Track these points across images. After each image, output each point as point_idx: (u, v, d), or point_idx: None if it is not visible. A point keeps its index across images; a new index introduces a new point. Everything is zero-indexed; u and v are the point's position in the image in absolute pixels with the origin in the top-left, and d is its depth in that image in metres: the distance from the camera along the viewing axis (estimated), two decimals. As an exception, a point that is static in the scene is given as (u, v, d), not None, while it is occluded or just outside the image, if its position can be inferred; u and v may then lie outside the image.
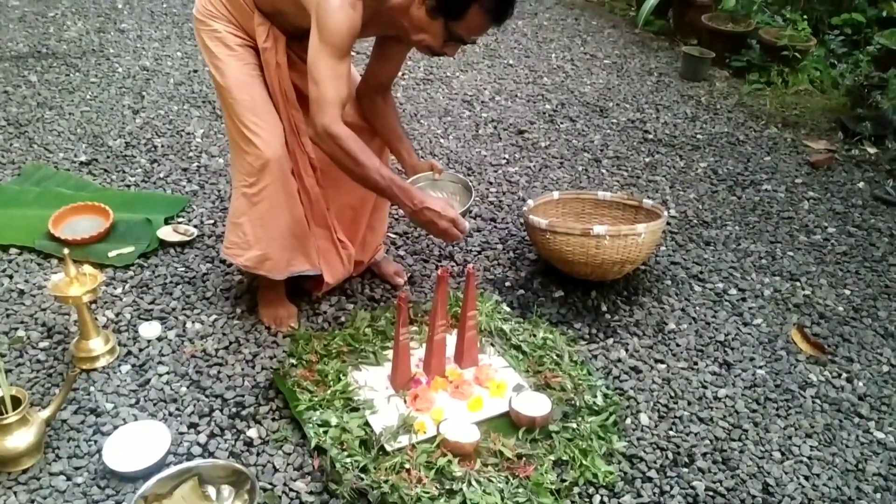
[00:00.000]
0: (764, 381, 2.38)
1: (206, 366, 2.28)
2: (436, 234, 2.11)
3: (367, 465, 1.91)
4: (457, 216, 2.08)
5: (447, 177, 2.37)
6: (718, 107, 4.38)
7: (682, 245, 3.05)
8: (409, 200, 2.05)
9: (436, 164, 2.34)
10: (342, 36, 1.91)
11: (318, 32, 1.91)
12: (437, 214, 2.05)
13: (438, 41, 1.98)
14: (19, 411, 1.87)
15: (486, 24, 1.95)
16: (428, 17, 1.93)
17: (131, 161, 3.41)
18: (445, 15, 1.91)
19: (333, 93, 1.94)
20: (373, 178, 2.02)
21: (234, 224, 2.29)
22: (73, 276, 2.15)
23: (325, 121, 1.95)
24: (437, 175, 2.34)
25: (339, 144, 1.96)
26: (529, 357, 2.34)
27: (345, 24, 1.90)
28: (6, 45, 4.57)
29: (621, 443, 2.08)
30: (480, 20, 1.92)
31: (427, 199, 2.05)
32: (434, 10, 1.91)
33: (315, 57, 1.93)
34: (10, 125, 3.63)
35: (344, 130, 1.97)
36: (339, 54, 1.93)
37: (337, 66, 1.94)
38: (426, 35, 1.98)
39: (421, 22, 1.95)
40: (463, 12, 1.89)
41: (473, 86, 4.45)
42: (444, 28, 1.94)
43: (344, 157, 1.99)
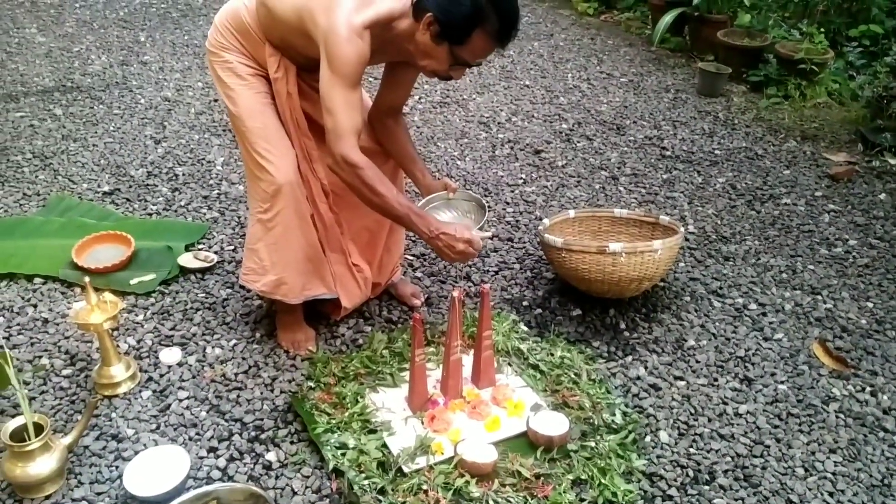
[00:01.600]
0: (786, 396, 2.35)
1: (226, 390, 2.30)
2: (453, 257, 2.14)
3: (385, 486, 1.92)
4: (472, 237, 2.11)
5: (461, 195, 2.39)
6: (736, 122, 4.37)
7: (700, 261, 3.03)
8: (425, 227, 2.09)
9: (449, 183, 2.36)
10: (352, 66, 1.95)
11: (328, 64, 1.95)
12: (452, 238, 2.09)
13: (444, 65, 2.02)
14: (41, 438, 1.89)
15: (489, 48, 1.97)
16: (433, 43, 1.96)
17: (153, 190, 3.47)
18: (449, 40, 1.94)
19: (349, 122, 1.98)
20: (391, 207, 2.06)
21: (251, 250, 2.33)
22: (95, 304, 2.19)
23: (344, 150, 1.98)
24: (452, 194, 2.36)
25: (357, 174, 2.01)
26: (547, 376, 2.34)
27: (353, 54, 1.93)
28: (33, 79, 4.68)
29: (641, 461, 2.06)
30: (484, 44, 1.95)
31: (442, 226, 2.09)
32: (438, 35, 1.94)
33: (327, 88, 1.96)
34: (36, 158, 3.71)
35: (362, 159, 2.01)
36: (351, 84, 1.97)
37: (349, 95, 1.97)
38: (432, 60, 2.02)
39: (426, 47, 1.98)
40: (466, 37, 1.93)
41: (490, 107, 4.48)
42: (448, 53, 1.97)
43: (361, 186, 2.03)
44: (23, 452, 1.88)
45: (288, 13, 2.06)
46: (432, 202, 2.37)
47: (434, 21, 1.92)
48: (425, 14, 1.92)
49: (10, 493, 1.94)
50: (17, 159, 3.69)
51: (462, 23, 1.91)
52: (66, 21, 5.79)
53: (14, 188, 3.44)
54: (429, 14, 1.92)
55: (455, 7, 1.90)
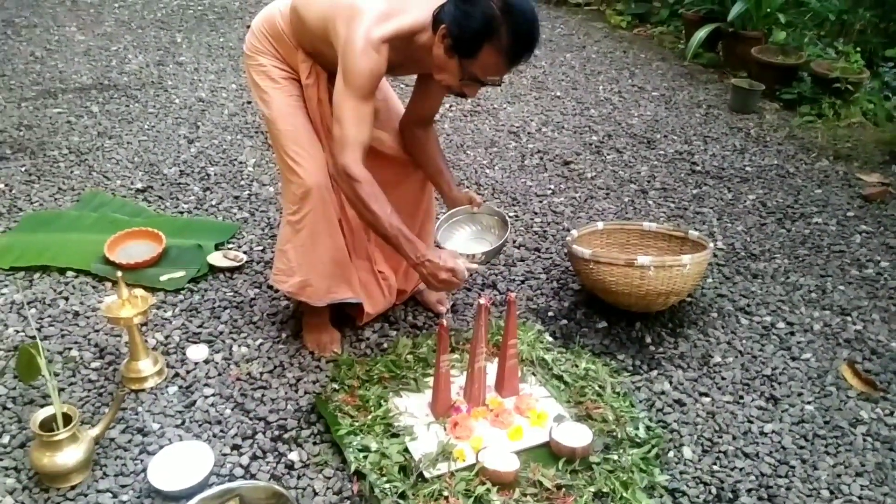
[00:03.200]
0: (812, 417, 2.33)
1: (251, 388, 2.32)
2: (436, 286, 2.11)
3: (406, 491, 1.92)
4: (456, 266, 2.06)
5: (485, 209, 2.39)
6: (768, 139, 4.33)
7: (728, 277, 3.01)
8: (412, 252, 2.06)
9: (474, 197, 2.36)
10: (365, 79, 1.95)
11: (343, 74, 1.96)
12: (436, 266, 2.05)
13: (455, 80, 2.00)
14: (70, 428, 1.92)
15: (500, 65, 1.94)
16: (446, 56, 1.95)
17: (185, 189, 3.51)
18: (459, 53, 1.93)
19: (355, 134, 1.98)
20: (381, 225, 2.04)
21: (281, 251, 2.35)
22: (125, 299, 2.22)
23: (346, 161, 1.98)
24: (476, 208, 2.36)
25: (354, 187, 2.00)
26: (571, 387, 2.33)
27: (367, 67, 1.94)
28: (71, 77, 4.76)
29: (663, 476, 2.04)
30: (494, 60, 1.92)
31: (429, 253, 2.06)
32: (450, 48, 1.93)
33: (339, 98, 1.97)
34: (72, 153, 3.78)
35: (363, 174, 2.00)
36: (362, 96, 1.97)
37: (360, 107, 1.97)
38: (445, 74, 2.01)
39: (440, 60, 1.98)
40: (475, 51, 1.91)
41: (520, 117, 4.48)
42: (459, 67, 1.96)
43: (356, 200, 2.03)
44: (51, 442, 1.91)
45: (315, 21, 2.09)
46: (456, 215, 2.38)
47: (447, 34, 1.92)
48: (441, 26, 1.93)
49: (36, 482, 1.97)
50: (53, 154, 3.76)
51: (471, 36, 1.89)
52: (106, 20, 5.89)
53: (50, 182, 3.50)
54: (443, 26, 1.92)
55: (466, 20, 1.88)
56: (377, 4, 1.96)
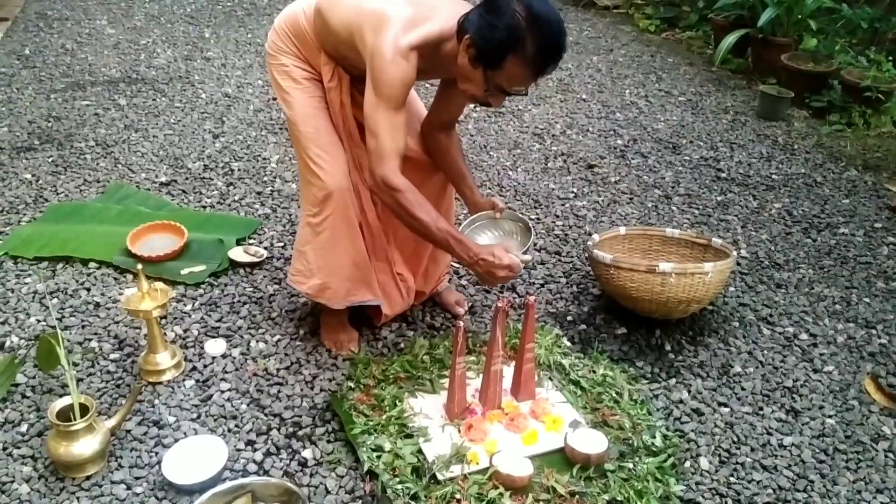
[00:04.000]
0: (833, 430, 2.29)
1: (267, 385, 2.32)
2: (492, 281, 2.10)
3: (419, 492, 1.91)
4: (512, 261, 2.05)
5: (508, 216, 2.37)
6: (796, 147, 4.28)
7: (751, 286, 2.97)
8: (465, 253, 2.05)
9: (497, 203, 2.34)
10: (396, 88, 1.93)
11: (373, 85, 1.93)
12: (492, 264, 2.04)
13: (480, 90, 1.96)
14: (86, 419, 1.93)
15: (525, 76, 1.90)
16: (471, 66, 1.92)
17: (208, 183, 3.53)
18: (484, 64, 1.89)
19: (391, 144, 1.96)
20: (430, 232, 2.03)
21: (300, 252, 2.35)
22: (145, 292, 2.23)
23: (385, 172, 1.96)
24: (498, 214, 2.35)
25: (396, 197, 1.98)
26: (588, 393, 2.31)
27: (398, 76, 1.92)
28: (100, 70, 4.81)
29: (679, 486, 2.02)
30: (519, 71, 1.88)
31: (482, 251, 2.05)
32: (475, 59, 1.90)
33: (372, 109, 1.95)
34: (99, 146, 3.81)
35: (403, 182, 1.98)
36: (395, 105, 1.95)
37: (393, 117, 1.95)
38: (470, 84, 1.97)
39: (465, 70, 1.94)
40: (500, 62, 1.87)
41: (545, 119, 4.46)
42: (484, 77, 1.92)
43: (400, 210, 2.01)
44: (68, 432, 1.92)
45: (340, 27, 2.06)
46: (478, 220, 2.36)
47: (471, 44, 1.88)
48: (465, 36, 1.90)
49: (52, 471, 1.99)
50: (80, 146, 3.79)
51: (496, 47, 1.85)
52: (136, 14, 5.95)
53: (76, 174, 3.54)
54: (468, 36, 1.89)
55: (491, 31, 1.84)
56: (404, 11, 1.94)
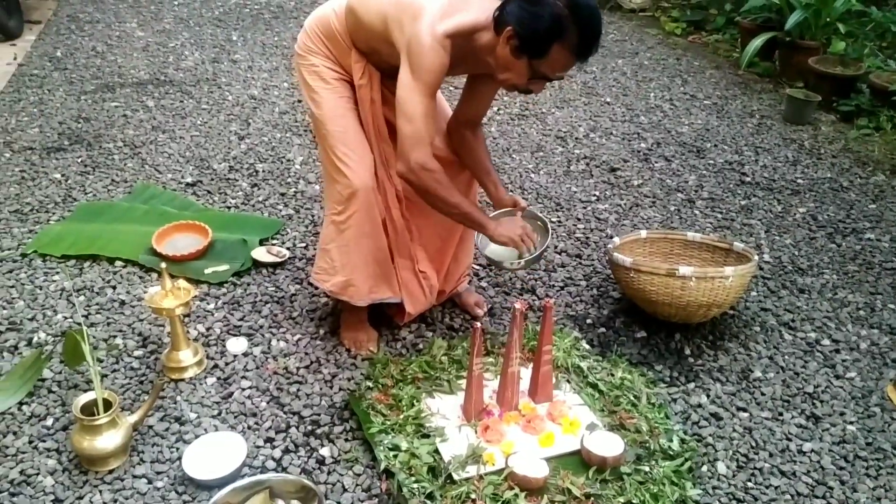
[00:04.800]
0: (854, 437, 2.27)
1: (287, 383, 2.35)
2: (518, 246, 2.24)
3: (434, 492, 1.92)
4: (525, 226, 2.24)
5: (528, 215, 2.38)
6: (822, 151, 4.23)
7: (774, 291, 2.95)
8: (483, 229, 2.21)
9: (519, 201, 2.36)
10: (433, 74, 1.97)
11: (409, 71, 1.98)
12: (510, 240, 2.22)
13: (523, 79, 2.01)
14: (109, 414, 1.97)
15: (569, 62, 1.96)
16: (512, 56, 1.96)
17: (233, 184, 3.57)
18: (529, 54, 1.94)
19: (425, 129, 2.01)
20: (457, 211, 2.13)
21: (323, 250, 2.38)
22: (169, 290, 2.27)
23: (419, 156, 2.01)
24: (520, 212, 2.36)
25: (434, 178, 2.06)
26: (606, 396, 2.31)
27: (435, 62, 1.96)
28: (129, 72, 4.88)
29: (695, 490, 2.01)
30: (563, 58, 1.94)
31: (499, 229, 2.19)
32: (518, 49, 1.94)
33: (406, 94, 1.99)
34: (126, 146, 3.88)
35: (436, 165, 2.05)
36: (430, 92, 1.99)
37: (428, 103, 2.00)
38: (511, 73, 2.01)
39: (506, 61, 1.98)
40: (546, 51, 1.92)
41: (568, 122, 4.46)
42: (528, 66, 1.97)
43: (435, 190, 2.08)
44: (91, 426, 1.96)
45: (374, 20, 2.10)
46: (499, 217, 2.37)
47: (514, 35, 1.92)
48: (506, 27, 1.93)
49: (76, 465, 2.03)
50: (108, 147, 3.86)
51: (541, 36, 1.90)
52: (165, 17, 6.03)
53: (104, 174, 3.60)
54: (509, 28, 1.92)
55: (535, 21, 1.89)
56: (438, 2, 1.99)
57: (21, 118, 4.15)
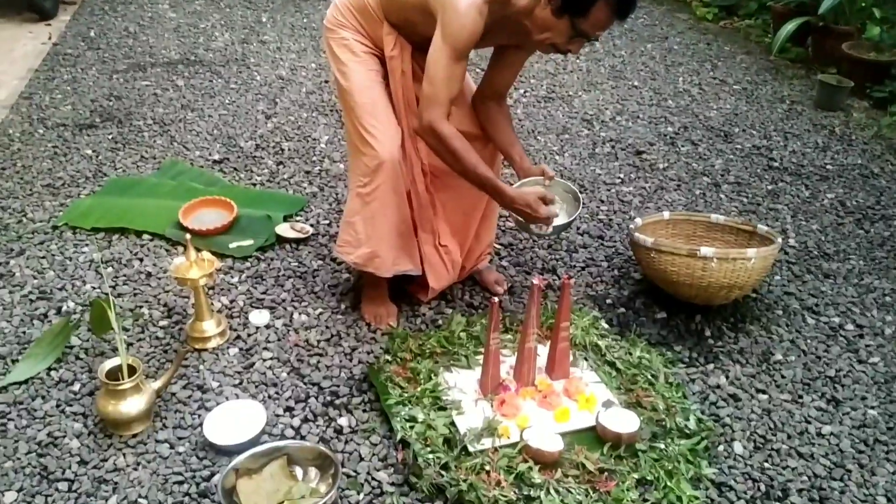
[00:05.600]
0: (875, 421, 2.25)
1: (308, 355, 2.38)
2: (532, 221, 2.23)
3: (449, 462, 1.94)
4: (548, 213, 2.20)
5: (558, 184, 2.38)
6: (853, 138, 4.17)
7: (798, 276, 2.92)
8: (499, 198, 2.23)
9: (547, 170, 2.37)
10: (464, 39, 2.02)
11: (441, 33, 2.03)
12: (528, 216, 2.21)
13: (563, 38, 2.06)
14: (133, 379, 2.02)
15: (609, 19, 2.01)
16: (553, 17, 2.00)
17: (259, 162, 3.61)
18: (571, 12, 1.98)
19: (445, 92, 2.06)
20: (471, 173, 2.16)
21: (348, 223, 2.40)
22: (193, 261, 2.31)
23: (433, 117, 2.07)
24: (548, 181, 2.36)
25: (442, 141, 2.10)
26: (623, 374, 2.31)
27: (468, 27, 2.00)
28: (160, 52, 4.94)
29: (711, 469, 2.01)
30: (604, 15, 1.98)
31: (517, 201, 2.18)
32: (559, 9, 1.98)
33: (435, 55, 2.04)
34: (156, 124, 3.93)
35: (448, 129, 2.09)
36: (458, 56, 2.04)
37: (454, 67, 2.05)
38: (551, 33, 2.05)
39: (546, 21, 2.02)
40: (588, 9, 1.96)
41: (595, 105, 4.44)
42: (569, 25, 2.01)
43: (445, 153, 2.13)
44: (116, 391, 2.00)
45: None
46: (527, 185, 2.37)
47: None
48: None
49: (101, 429, 2.08)
50: (138, 124, 3.92)
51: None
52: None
53: (133, 151, 3.66)
54: None
55: None
56: None
57: (55, 96, 4.23)
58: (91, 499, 1.89)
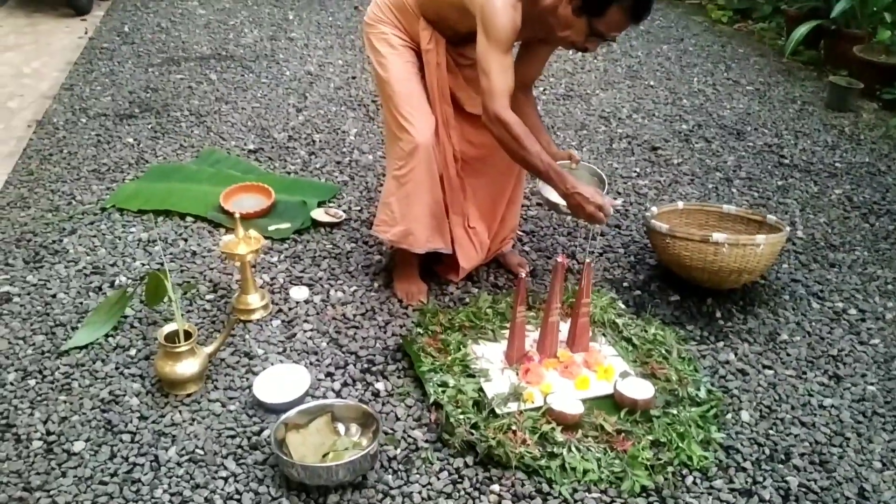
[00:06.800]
0: (874, 396, 2.41)
1: (345, 327, 2.56)
2: (583, 217, 2.32)
3: (479, 422, 2.11)
4: (604, 202, 2.29)
5: (584, 168, 2.56)
6: (862, 137, 4.32)
7: (805, 264, 3.08)
8: (562, 184, 2.29)
9: (574, 154, 2.56)
10: (507, 33, 2.20)
11: (484, 32, 2.21)
12: (585, 199, 2.27)
13: (581, 37, 2.23)
14: (189, 342, 2.20)
15: (624, 22, 2.18)
16: (573, 15, 2.18)
17: (292, 152, 3.80)
18: (588, 13, 2.16)
19: (502, 83, 2.23)
20: (534, 162, 2.27)
21: (384, 204, 2.59)
22: (241, 238, 2.49)
23: (496, 107, 2.23)
24: (575, 165, 2.54)
25: (507, 129, 2.24)
26: (639, 349, 2.48)
27: (508, 22, 2.19)
28: (192, 47, 5.14)
29: (720, 434, 2.18)
30: (619, 18, 2.16)
31: (579, 185, 2.29)
32: (579, 8, 2.16)
33: (484, 53, 2.22)
34: (193, 115, 4.12)
35: (512, 117, 2.24)
36: (504, 49, 2.22)
37: (503, 59, 2.23)
38: (570, 31, 2.24)
39: (567, 19, 2.20)
40: (604, 10, 2.14)
41: (612, 103, 4.60)
42: (587, 24, 2.19)
43: (510, 141, 2.26)
44: (173, 353, 2.19)
45: None
46: None
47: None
48: None
49: (158, 388, 2.26)
50: (176, 115, 4.11)
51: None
52: (225, -4, 6.29)
53: (172, 140, 3.85)
54: None
55: None
56: None
57: (94, 87, 4.43)
58: (152, 448, 2.07)
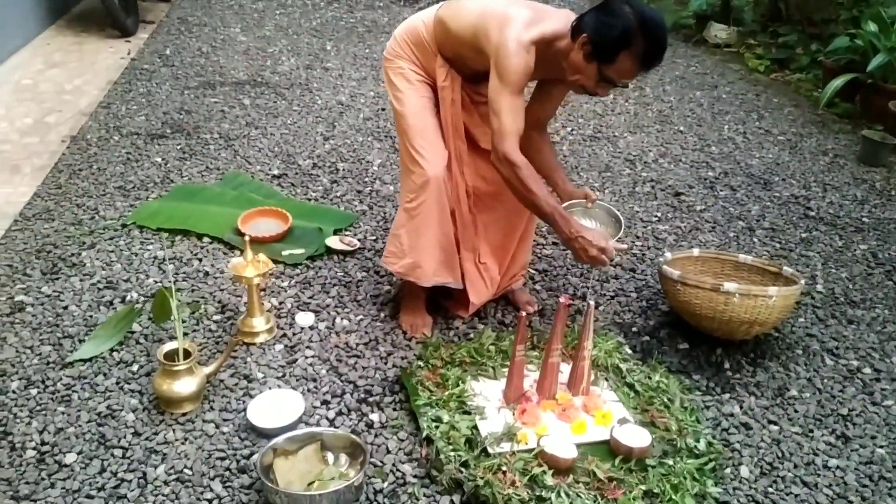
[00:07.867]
0: (882, 459, 2.33)
1: (346, 356, 2.57)
2: (586, 261, 2.33)
3: (469, 461, 2.09)
4: (607, 245, 2.30)
5: (601, 208, 2.55)
6: (893, 193, 4.24)
7: (822, 319, 3.02)
8: (566, 228, 2.30)
9: (590, 193, 2.55)
10: (518, 75, 2.23)
11: (497, 74, 2.24)
12: (588, 243, 2.29)
13: (592, 82, 2.25)
14: (188, 362, 2.22)
15: (634, 70, 2.19)
16: (584, 61, 2.20)
17: (315, 179, 3.84)
18: (598, 59, 2.18)
19: (512, 124, 2.26)
20: (540, 204, 2.30)
21: (394, 235, 2.60)
22: (250, 261, 2.52)
23: (506, 148, 2.26)
24: (590, 204, 2.53)
25: (515, 171, 2.27)
26: (640, 396, 2.44)
27: (521, 65, 2.22)
28: (230, 72, 5.26)
29: (716, 488, 2.12)
30: (629, 65, 2.17)
31: (583, 230, 2.30)
32: (590, 54, 2.18)
33: (496, 94, 2.25)
34: (222, 138, 4.20)
35: (521, 159, 2.27)
36: (516, 91, 2.25)
37: (514, 101, 2.25)
38: (581, 76, 2.25)
39: (578, 64, 2.22)
40: (614, 57, 2.15)
41: (639, 147, 4.59)
42: (597, 71, 2.20)
43: (517, 182, 2.28)
44: (171, 371, 2.21)
45: (464, 30, 2.37)
46: (570, 208, 2.52)
47: (588, 41, 2.17)
48: (581, 35, 2.18)
49: (155, 406, 2.28)
50: (205, 137, 4.19)
51: (611, 44, 2.14)
52: (266, 25, 6.43)
53: (199, 161, 3.92)
54: (584, 35, 2.17)
55: (606, 30, 2.14)
56: (524, 13, 2.27)
57: (130, 107, 4.54)
58: (142, 465, 2.08)
